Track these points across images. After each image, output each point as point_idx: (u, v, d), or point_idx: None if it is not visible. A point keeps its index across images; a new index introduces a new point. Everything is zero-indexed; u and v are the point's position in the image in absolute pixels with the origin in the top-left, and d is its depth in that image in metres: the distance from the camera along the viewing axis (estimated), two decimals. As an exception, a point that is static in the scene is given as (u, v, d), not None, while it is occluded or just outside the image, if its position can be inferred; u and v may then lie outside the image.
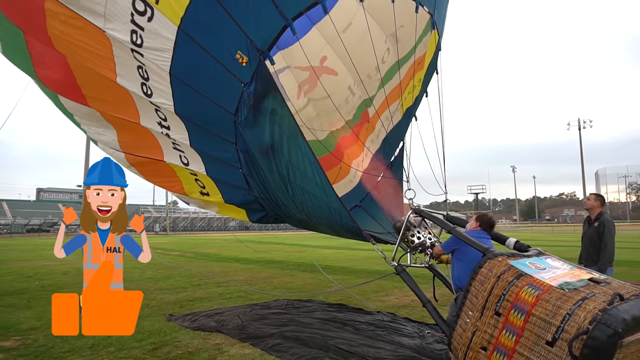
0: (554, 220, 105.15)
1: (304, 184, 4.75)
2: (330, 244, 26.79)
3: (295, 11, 4.23)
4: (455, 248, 3.88)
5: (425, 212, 4.65)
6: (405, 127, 6.57)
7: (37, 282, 9.66)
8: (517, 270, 3.02)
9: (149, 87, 4.93)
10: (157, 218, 66.16)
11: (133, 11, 4.21)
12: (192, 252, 19.94)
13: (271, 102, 4.39)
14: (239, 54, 4.24)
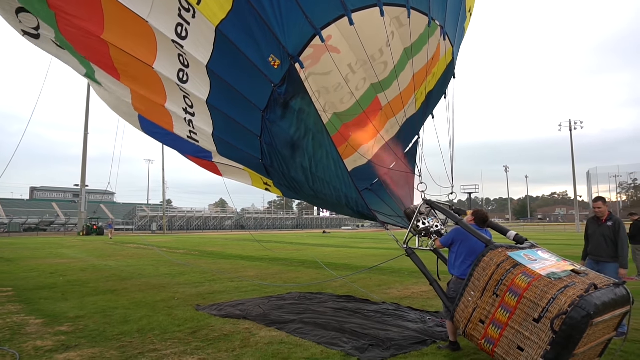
0: (546, 220, 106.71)
1: (325, 176, 5.33)
2: (328, 243, 27.57)
3: (323, 22, 4.81)
4: (452, 242, 4.65)
5: (436, 204, 5.33)
6: (421, 121, 6.93)
7: (62, 278, 10.32)
8: (514, 260, 3.78)
9: (186, 74, 5.48)
10: (154, 217, 66.53)
11: (180, 6, 4.83)
12: (197, 250, 20.61)
13: (299, 102, 4.98)
14: (272, 57, 4.80)
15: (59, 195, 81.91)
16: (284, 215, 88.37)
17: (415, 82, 6.20)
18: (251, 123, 5.56)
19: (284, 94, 4.90)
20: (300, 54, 4.80)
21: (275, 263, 14.16)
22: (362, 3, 4.86)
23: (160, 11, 4.95)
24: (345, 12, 4.75)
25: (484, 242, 4.20)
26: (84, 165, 49.50)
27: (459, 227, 4.66)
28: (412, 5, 5.18)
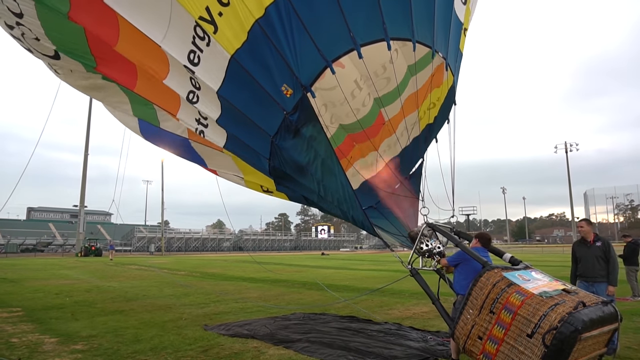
0: (544, 241, 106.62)
1: (334, 199, 5.58)
2: (327, 265, 27.68)
3: (334, 54, 5.08)
4: (458, 262, 4.95)
5: (438, 227, 5.61)
6: (424, 144, 7.10)
7: (68, 299, 10.49)
8: (509, 280, 4.08)
9: (196, 95, 5.74)
10: (152, 238, 66.38)
11: (195, 34, 5.08)
12: (198, 272, 20.72)
13: (311, 129, 5.23)
14: (285, 86, 5.06)
15: (56, 215, 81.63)
16: (282, 236, 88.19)
17: (419, 98, 6.38)
18: (261, 147, 5.80)
19: (295, 121, 5.14)
20: (312, 84, 5.07)
21: (277, 284, 14.34)
22: (371, 37, 5.15)
23: (174, 37, 5.20)
24: (354, 46, 5.04)
25: (481, 263, 4.51)
26: (83, 186, 49.71)
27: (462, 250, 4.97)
28: (417, 39, 5.49)
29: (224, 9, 4.84)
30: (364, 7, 5.08)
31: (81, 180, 49.59)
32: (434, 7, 5.62)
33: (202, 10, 4.89)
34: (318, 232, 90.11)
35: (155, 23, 5.20)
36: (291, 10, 4.79)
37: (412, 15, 5.31)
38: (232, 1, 4.79)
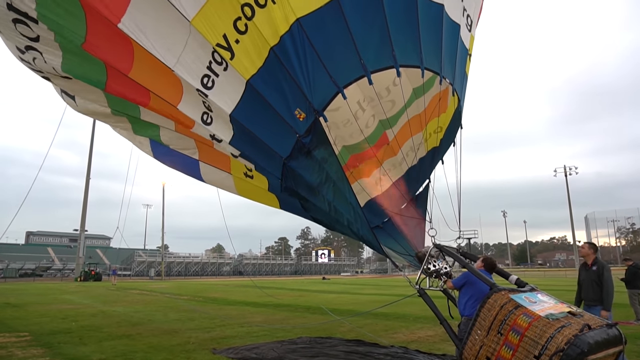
0: (546, 265, 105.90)
1: (344, 219, 5.70)
2: (329, 289, 27.53)
3: (346, 81, 5.30)
4: (463, 284, 5.09)
5: (445, 248, 5.72)
6: (430, 166, 7.21)
7: (74, 323, 10.50)
8: (516, 302, 4.19)
9: (210, 117, 5.92)
10: (151, 263, 65.93)
11: (212, 59, 5.28)
12: (200, 296, 20.64)
13: (322, 151, 5.42)
14: (298, 110, 5.26)
15: (55, 239, 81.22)
16: (282, 261, 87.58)
17: (425, 119, 6.49)
18: (273, 168, 5.98)
19: (308, 144, 5.34)
20: (325, 109, 5.27)
21: (281, 309, 14.32)
22: (380, 65, 5.36)
23: (188, 62, 5.39)
24: (365, 73, 5.25)
25: (489, 285, 4.64)
26: (84, 210, 49.62)
27: (469, 271, 5.11)
28: (425, 66, 5.69)
29: (241, 37, 5.07)
30: (374, 37, 5.31)
31: (82, 204, 49.58)
32: (441, 35, 5.85)
33: (219, 38, 5.12)
34: (318, 256, 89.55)
35: (170, 48, 5.39)
36: (305, 38, 5.02)
37: (421, 44, 5.53)
38: (249, 29, 5.02)
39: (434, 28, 5.80)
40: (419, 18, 5.57)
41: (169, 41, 5.38)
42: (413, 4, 5.49)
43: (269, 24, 5.02)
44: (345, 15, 5.11)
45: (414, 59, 5.59)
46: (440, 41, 5.89)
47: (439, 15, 5.84)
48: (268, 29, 5.02)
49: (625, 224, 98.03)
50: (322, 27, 5.14)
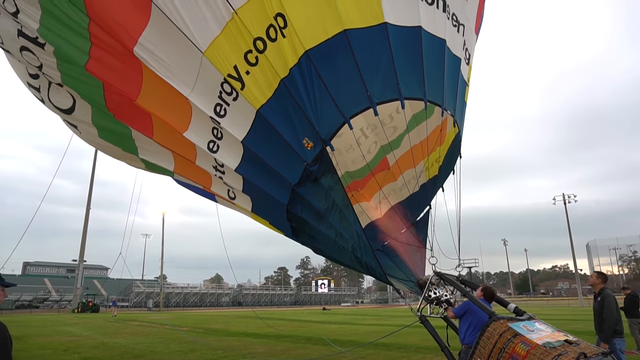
0: (549, 294, 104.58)
1: (348, 245, 5.78)
2: (330, 320, 27.25)
3: (352, 112, 5.44)
4: (464, 313, 5.23)
5: (445, 276, 5.80)
6: (431, 192, 7.27)
7: (77, 355, 10.45)
8: (514, 330, 4.30)
9: (217, 145, 6.04)
10: (150, 293, 65.04)
11: (222, 90, 5.46)
12: (201, 327, 20.43)
13: (329, 179, 5.54)
14: (306, 140, 5.40)
15: (52, 270, 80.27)
16: (281, 291, 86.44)
17: (426, 147, 6.57)
18: (280, 194, 6.06)
19: (315, 172, 5.47)
20: (332, 138, 5.40)
21: (282, 340, 14.22)
22: (386, 97, 5.52)
23: (201, 91, 5.58)
24: (371, 105, 5.40)
25: (488, 313, 4.79)
26: (83, 241, 49.15)
27: (469, 300, 5.27)
28: (429, 99, 5.87)
29: (251, 69, 5.26)
30: (380, 69, 5.48)
31: (81, 234, 49.29)
32: (443, 69, 6.04)
33: (230, 69, 5.30)
34: (318, 286, 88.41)
35: (185, 78, 5.58)
36: (313, 70, 5.19)
37: (425, 77, 5.72)
38: (259, 62, 5.20)
39: (436, 62, 5.98)
40: (422, 52, 5.75)
41: (182, 70, 5.57)
42: (417, 39, 5.69)
43: (279, 57, 5.20)
44: (352, 48, 5.27)
45: (418, 91, 5.76)
46: (443, 74, 6.08)
47: (442, 50, 6.04)
48: (278, 62, 5.20)
49: (627, 252, 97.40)
50: (329, 59, 5.28)
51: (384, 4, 5.40)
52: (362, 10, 5.35)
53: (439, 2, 5.90)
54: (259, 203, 7.18)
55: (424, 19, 5.69)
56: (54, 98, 7.45)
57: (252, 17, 5.17)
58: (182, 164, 7.66)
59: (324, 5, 5.24)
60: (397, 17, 5.49)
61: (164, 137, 6.93)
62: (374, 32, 5.39)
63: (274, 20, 5.15)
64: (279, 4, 5.11)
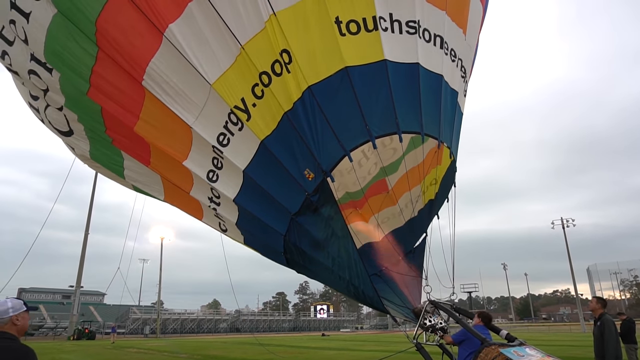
0: (551, 319, 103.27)
1: (345, 274, 5.90)
2: (330, 346, 27.00)
3: (352, 145, 5.69)
4: (463, 340, 5.33)
5: (440, 304, 5.99)
6: (427, 218, 7.43)
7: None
8: (505, 356, 4.56)
9: (216, 174, 6.23)
10: (147, 320, 64.19)
11: (228, 120, 5.69)
12: (200, 354, 20.23)
13: (329, 209, 5.72)
14: (307, 171, 5.62)
15: (47, 296, 79.20)
16: (280, 317, 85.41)
17: (420, 172, 6.74)
18: (277, 224, 6.22)
19: (316, 202, 5.67)
20: (332, 169, 5.61)
21: (283, 366, 14.24)
22: (384, 131, 5.78)
23: (206, 121, 5.81)
24: (370, 138, 5.64)
25: (480, 339, 5.03)
26: (80, 266, 48.44)
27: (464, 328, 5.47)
28: (426, 132, 6.11)
29: (257, 101, 5.53)
30: (380, 104, 5.73)
31: (79, 260, 48.70)
32: (440, 103, 6.30)
33: (237, 101, 5.56)
34: (317, 311, 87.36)
35: (190, 107, 5.81)
36: (315, 104, 5.45)
37: (422, 112, 5.99)
38: (265, 95, 5.47)
39: (433, 96, 6.23)
40: (420, 87, 5.99)
41: (188, 100, 5.80)
42: (415, 75, 5.94)
43: (283, 91, 5.46)
44: (353, 84, 5.53)
45: (415, 125, 6.02)
46: (440, 108, 6.33)
47: (439, 85, 6.30)
48: (283, 96, 5.45)
49: (628, 276, 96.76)
50: (331, 94, 5.53)
51: (384, 42, 5.69)
52: (362, 48, 5.63)
53: (436, 40, 6.21)
54: (251, 237, 7.35)
55: (422, 55, 5.98)
56: (53, 119, 7.73)
57: (258, 52, 5.45)
58: (174, 193, 7.84)
59: (327, 43, 5.52)
60: (396, 54, 5.78)
61: (162, 165, 7.15)
62: (374, 69, 5.66)
63: (279, 56, 5.43)
64: (285, 41, 5.39)
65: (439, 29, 6.26)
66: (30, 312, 2.72)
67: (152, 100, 5.94)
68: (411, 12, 5.92)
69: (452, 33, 6.55)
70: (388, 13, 5.76)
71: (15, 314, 2.52)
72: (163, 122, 6.14)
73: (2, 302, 2.54)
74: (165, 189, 8.00)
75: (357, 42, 5.62)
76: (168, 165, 6.91)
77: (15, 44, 6.71)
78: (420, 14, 5.98)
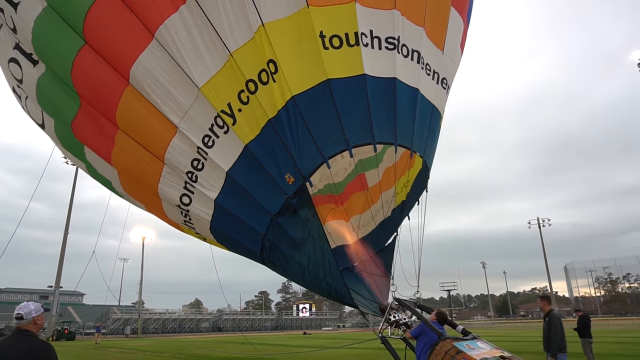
0: (529, 316, 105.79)
1: (318, 271, 6.22)
2: (310, 344, 27.54)
3: (331, 153, 5.99)
4: (420, 334, 5.91)
5: (403, 302, 6.54)
6: (399, 219, 7.75)
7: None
8: (457, 349, 5.14)
9: (195, 176, 6.38)
10: (128, 320, 63.68)
11: (214, 123, 5.89)
12: (182, 353, 20.50)
13: (307, 212, 6.02)
14: (288, 175, 5.90)
15: (24, 297, 77.39)
16: (262, 316, 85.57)
17: (397, 170, 6.93)
18: (257, 223, 6.48)
19: (294, 204, 5.98)
20: (311, 175, 5.92)
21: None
22: (361, 141, 6.11)
23: (191, 122, 6.02)
24: (347, 148, 5.97)
25: (437, 334, 5.57)
26: (60, 266, 47.63)
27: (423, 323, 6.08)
28: (399, 143, 6.46)
29: (243, 107, 5.78)
30: (358, 116, 6.07)
31: (58, 260, 47.83)
32: (415, 115, 6.65)
33: (224, 105, 5.80)
34: (300, 310, 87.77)
35: (176, 108, 6.01)
36: (298, 114, 5.74)
37: (396, 124, 6.36)
38: (251, 101, 5.73)
39: (409, 109, 6.55)
40: (396, 100, 6.30)
41: (174, 101, 5.99)
42: (392, 89, 6.25)
43: (269, 99, 5.71)
44: (334, 96, 5.83)
45: (389, 137, 6.38)
46: (414, 120, 6.65)
47: (414, 98, 6.61)
48: (268, 103, 5.71)
49: (603, 274, 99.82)
50: (313, 104, 5.80)
51: (364, 57, 6.01)
52: (344, 61, 5.93)
53: (413, 54, 6.55)
54: (225, 237, 7.44)
55: (399, 70, 6.32)
56: (31, 110, 7.90)
57: (246, 60, 5.70)
58: (129, 183, 7.81)
59: (311, 56, 5.82)
60: (375, 68, 6.11)
61: (126, 159, 7.15)
62: (354, 82, 5.98)
63: (266, 66, 5.70)
64: (272, 51, 5.66)
65: (417, 45, 6.57)
66: (7, 313, 3.22)
67: (135, 96, 6.07)
68: (391, 29, 6.22)
69: (430, 48, 6.88)
70: (369, 29, 6.06)
71: (37, 314, 3.03)
72: (142, 121, 6.27)
73: (25, 305, 3.03)
74: (123, 182, 7.91)
75: (339, 56, 5.89)
76: (134, 160, 6.96)
77: (1, 31, 6.88)
78: (399, 30, 6.29)
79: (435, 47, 7.06)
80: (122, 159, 7.13)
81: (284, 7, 5.70)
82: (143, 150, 6.63)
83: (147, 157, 6.64)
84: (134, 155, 6.84)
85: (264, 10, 5.61)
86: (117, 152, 7.00)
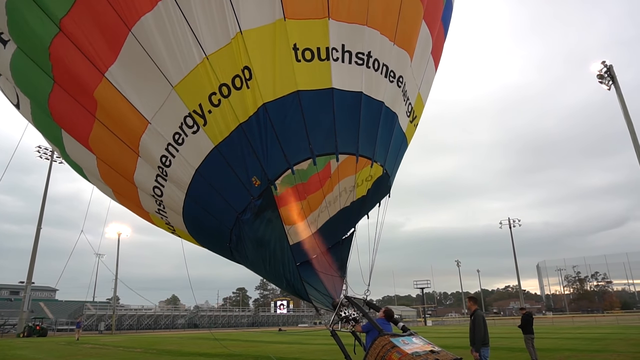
0: (501, 313, 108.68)
1: (278, 267, 6.57)
2: (283, 340, 28.09)
3: (296, 160, 6.24)
4: (369, 329, 6.41)
5: (352, 300, 7.10)
6: (357, 215, 8.04)
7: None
8: (393, 343, 5.75)
9: (169, 160, 6.43)
10: (102, 316, 63.06)
11: (184, 122, 6.01)
12: (155, 349, 20.82)
13: (270, 213, 6.29)
14: (254, 178, 6.12)
15: (-6, 292, 75.90)
16: (239, 312, 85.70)
17: (359, 162, 7.07)
18: (224, 219, 6.74)
19: (259, 206, 6.25)
20: (276, 179, 6.20)
21: (232, 358, 14.98)
22: (325, 150, 6.43)
23: (163, 119, 6.14)
24: (311, 156, 6.27)
25: (378, 330, 6.23)
26: (32, 261, 46.92)
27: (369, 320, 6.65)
28: (360, 154, 6.79)
29: (214, 109, 5.93)
30: (323, 128, 6.38)
31: (30, 255, 47.20)
32: (378, 128, 6.99)
33: (195, 105, 5.95)
34: (277, 307, 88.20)
35: (148, 103, 6.12)
36: (268, 121, 5.97)
37: (359, 136, 6.69)
38: (222, 104, 5.89)
39: (372, 121, 6.84)
40: (361, 113, 6.58)
41: (147, 97, 6.10)
42: (358, 102, 6.55)
43: (241, 104, 5.89)
44: (302, 106, 6.08)
45: (352, 148, 6.71)
46: (377, 132, 6.96)
47: (379, 111, 6.90)
48: (240, 108, 5.89)
49: (571, 273, 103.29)
50: (282, 113, 6.02)
51: (333, 71, 6.29)
52: (314, 74, 6.19)
53: (382, 68, 6.83)
54: (195, 227, 7.65)
55: (366, 84, 6.63)
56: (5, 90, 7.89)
57: (221, 64, 5.83)
58: (110, 174, 7.75)
59: (284, 66, 6.04)
60: (343, 82, 6.40)
61: (102, 148, 7.17)
62: (322, 95, 6.25)
63: (241, 72, 5.88)
64: (247, 58, 5.84)
65: (387, 59, 6.84)
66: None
67: (110, 90, 6.11)
68: (361, 44, 6.47)
69: (399, 61, 7.15)
70: (341, 44, 6.29)
71: None
72: (117, 112, 6.32)
73: None
74: (100, 168, 7.87)
75: (310, 69, 6.12)
76: (111, 148, 6.98)
77: None
78: (370, 44, 6.55)
79: (407, 59, 7.34)
80: (100, 146, 7.17)
81: (262, 16, 5.88)
82: (119, 140, 6.72)
83: (123, 147, 6.75)
84: (110, 144, 6.90)
85: (242, 17, 5.77)
86: (94, 139, 7.04)
